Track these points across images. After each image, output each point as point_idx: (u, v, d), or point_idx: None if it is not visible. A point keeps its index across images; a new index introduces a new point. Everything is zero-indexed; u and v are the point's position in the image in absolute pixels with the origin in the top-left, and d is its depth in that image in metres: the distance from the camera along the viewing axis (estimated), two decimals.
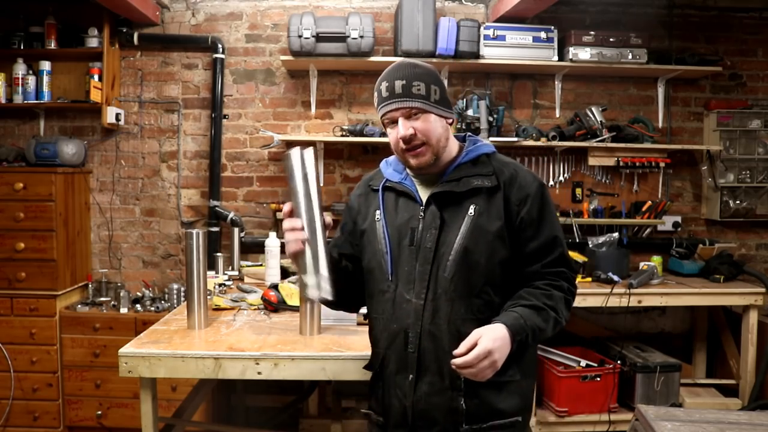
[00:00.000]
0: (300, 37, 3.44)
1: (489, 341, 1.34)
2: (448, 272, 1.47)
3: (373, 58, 3.56)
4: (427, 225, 1.50)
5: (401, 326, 1.51)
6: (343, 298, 1.62)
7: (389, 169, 1.63)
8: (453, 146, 1.57)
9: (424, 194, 1.55)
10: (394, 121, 1.49)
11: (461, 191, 1.49)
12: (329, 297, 1.44)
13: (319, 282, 1.42)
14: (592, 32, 3.61)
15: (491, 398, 1.47)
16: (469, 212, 1.48)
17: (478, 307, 1.48)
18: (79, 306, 3.46)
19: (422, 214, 1.52)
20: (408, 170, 1.60)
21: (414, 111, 1.47)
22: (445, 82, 3.73)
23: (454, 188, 1.50)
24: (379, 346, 1.59)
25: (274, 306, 2.54)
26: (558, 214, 3.70)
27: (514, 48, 3.57)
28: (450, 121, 1.54)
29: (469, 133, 1.64)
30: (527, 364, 1.53)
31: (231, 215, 3.70)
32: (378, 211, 1.59)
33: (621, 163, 3.76)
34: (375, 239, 1.58)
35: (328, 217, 1.47)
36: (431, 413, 1.49)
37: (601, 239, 3.62)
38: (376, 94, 1.54)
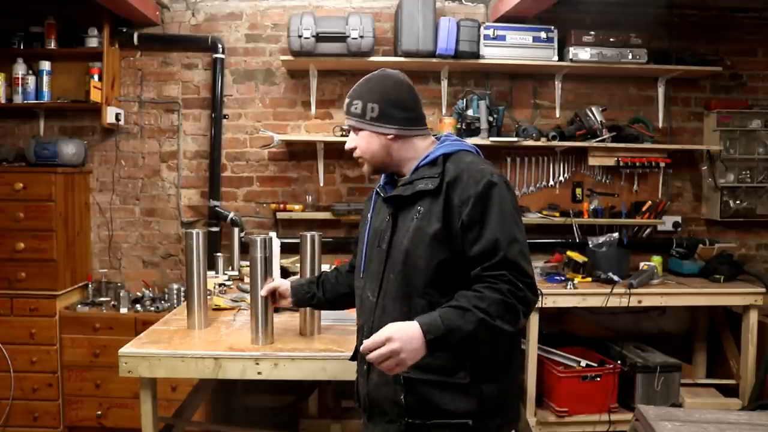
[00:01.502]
0: (300, 37, 3.44)
1: (391, 330, 1.36)
2: (395, 273, 1.52)
3: (373, 58, 3.56)
4: (386, 227, 1.58)
5: (362, 321, 1.63)
6: (339, 305, 2.00)
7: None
8: (415, 153, 1.60)
9: None
10: None
11: (407, 195, 1.53)
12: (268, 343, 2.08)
13: (259, 336, 2.07)
14: (592, 32, 3.61)
15: (433, 397, 1.48)
16: (416, 214, 1.51)
17: (422, 308, 1.47)
18: (79, 306, 3.46)
19: (388, 216, 1.59)
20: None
21: (353, 128, 1.62)
22: (445, 83, 3.76)
23: (403, 192, 1.54)
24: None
25: (275, 306, 2.53)
26: (558, 214, 3.74)
27: (514, 48, 3.57)
28: (390, 136, 1.57)
29: (447, 134, 1.68)
30: (488, 369, 1.49)
31: (231, 215, 3.70)
32: (369, 214, 1.69)
33: (621, 163, 3.76)
34: (360, 238, 1.71)
35: (284, 285, 2.00)
36: (380, 403, 1.56)
37: (601, 239, 3.62)
38: None
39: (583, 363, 3.40)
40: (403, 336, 1.35)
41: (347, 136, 4.10)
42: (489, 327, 1.37)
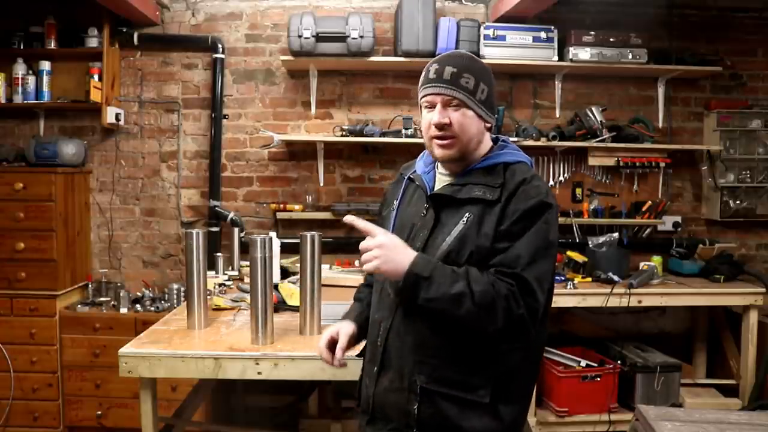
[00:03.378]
0: (300, 37, 3.44)
1: (388, 236, 1.39)
2: None
3: (373, 58, 3.57)
4: (423, 224, 1.47)
5: (379, 318, 1.52)
6: None
7: (421, 160, 1.61)
8: (483, 149, 1.50)
9: None
10: (433, 106, 1.46)
11: (460, 198, 1.43)
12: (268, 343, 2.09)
13: (259, 336, 2.09)
14: (592, 32, 3.61)
15: (450, 412, 1.40)
16: (462, 219, 1.41)
17: None
18: (79, 306, 3.46)
19: (424, 211, 1.49)
20: (436, 164, 1.56)
21: (455, 102, 1.43)
22: None
23: (455, 194, 1.44)
24: (366, 332, 1.62)
25: (275, 306, 2.53)
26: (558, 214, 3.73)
27: (514, 48, 3.57)
28: (489, 125, 1.49)
29: (505, 138, 1.57)
30: (507, 391, 1.42)
31: (231, 215, 3.70)
32: (396, 201, 1.58)
33: (621, 163, 3.76)
34: (385, 228, 1.56)
35: (346, 328, 1.61)
36: (386, 409, 1.48)
37: (601, 239, 3.62)
38: (423, 74, 1.49)
39: (583, 363, 3.40)
40: (394, 242, 1.38)
41: (347, 136, 4.07)
42: (465, 303, 1.30)
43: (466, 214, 1.42)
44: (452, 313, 1.33)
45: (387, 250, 1.35)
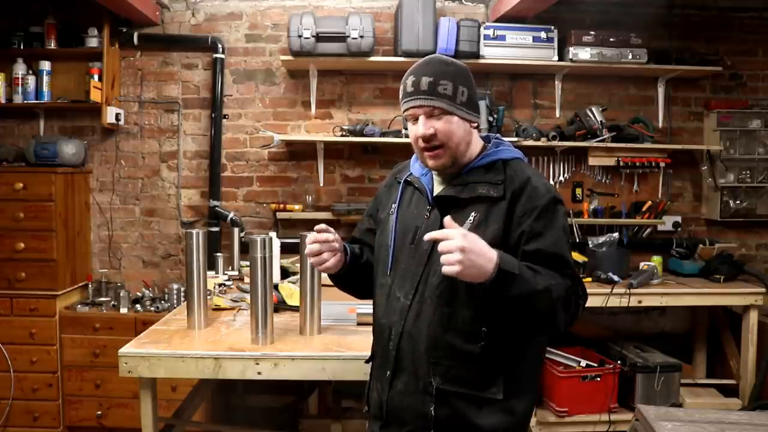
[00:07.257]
0: (300, 37, 3.44)
1: (465, 233, 1.25)
2: (437, 277, 1.42)
3: (373, 58, 3.57)
4: (428, 226, 1.46)
5: (388, 322, 1.51)
6: (357, 286, 1.70)
7: (416, 163, 1.60)
8: (475, 148, 1.50)
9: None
10: (416, 118, 1.46)
11: (464, 197, 1.44)
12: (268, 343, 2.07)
13: (259, 336, 2.08)
14: (592, 32, 3.61)
15: (466, 411, 1.42)
16: (469, 219, 1.42)
17: (464, 319, 1.40)
18: (79, 306, 3.46)
19: (428, 213, 1.49)
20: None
21: (437, 111, 1.43)
22: None
23: (459, 194, 1.45)
24: (373, 337, 1.63)
25: (275, 306, 2.53)
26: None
27: (514, 48, 3.57)
28: (474, 124, 1.48)
29: (496, 136, 1.57)
30: (517, 385, 1.44)
31: (231, 215, 3.70)
32: (394, 205, 1.58)
33: (621, 163, 3.76)
34: (385, 232, 1.57)
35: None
36: (402, 412, 1.48)
37: (601, 239, 3.62)
38: (401, 87, 1.48)
39: (583, 363, 3.40)
40: (477, 244, 1.24)
41: (347, 136, 4.07)
42: (549, 301, 1.30)
43: (473, 214, 1.43)
44: (534, 308, 1.31)
45: (470, 254, 1.23)
